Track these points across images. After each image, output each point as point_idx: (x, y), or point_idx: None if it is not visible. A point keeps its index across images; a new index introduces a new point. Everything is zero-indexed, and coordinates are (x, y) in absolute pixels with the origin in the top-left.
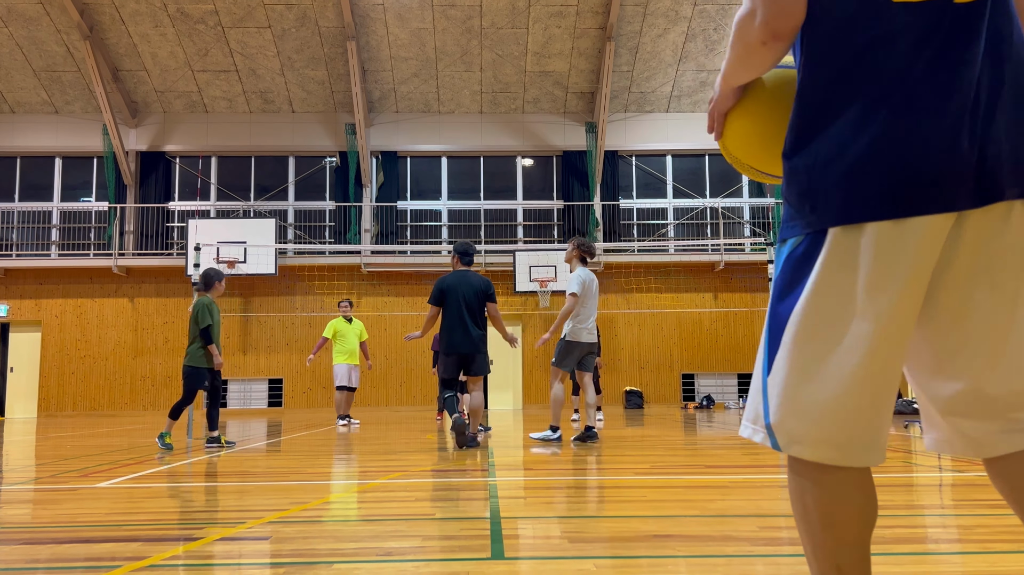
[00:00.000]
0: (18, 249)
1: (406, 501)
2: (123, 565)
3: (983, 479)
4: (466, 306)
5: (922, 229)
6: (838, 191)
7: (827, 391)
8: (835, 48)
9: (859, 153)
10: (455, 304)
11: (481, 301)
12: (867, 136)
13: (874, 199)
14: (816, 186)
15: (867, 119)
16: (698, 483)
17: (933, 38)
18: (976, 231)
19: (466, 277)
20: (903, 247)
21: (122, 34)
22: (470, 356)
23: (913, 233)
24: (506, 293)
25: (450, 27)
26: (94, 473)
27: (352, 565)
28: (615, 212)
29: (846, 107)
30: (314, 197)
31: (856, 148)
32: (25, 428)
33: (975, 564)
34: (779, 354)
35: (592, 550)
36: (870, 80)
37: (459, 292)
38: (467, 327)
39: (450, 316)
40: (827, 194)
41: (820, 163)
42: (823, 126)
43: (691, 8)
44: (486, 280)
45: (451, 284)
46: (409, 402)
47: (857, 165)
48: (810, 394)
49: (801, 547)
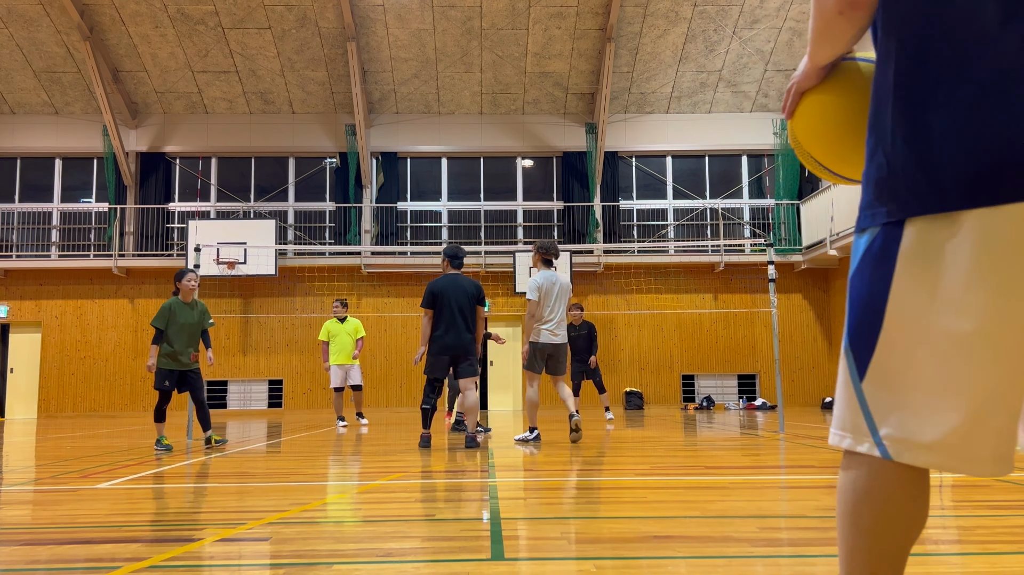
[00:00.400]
0: (18, 250)
1: (406, 502)
2: (123, 566)
3: (983, 480)
4: (458, 309)
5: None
6: (924, 176)
7: (944, 400)
8: (917, 19)
9: (947, 135)
10: (447, 307)
11: (472, 305)
12: (958, 116)
13: (965, 185)
14: (898, 171)
15: (957, 97)
16: (698, 484)
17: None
18: None
19: (457, 280)
20: (1003, 237)
21: (122, 35)
22: (461, 357)
23: (1013, 221)
24: (506, 294)
25: (450, 28)
26: (94, 474)
27: (352, 566)
28: (615, 213)
29: (933, 85)
30: (314, 198)
31: (944, 129)
32: (25, 429)
33: (975, 565)
34: (875, 359)
35: (592, 551)
36: (958, 54)
37: (451, 295)
38: (459, 330)
39: (442, 318)
40: (911, 179)
41: (901, 146)
42: (909, 106)
43: (691, 9)
44: (477, 284)
45: (442, 287)
46: (409, 403)
47: (946, 147)
48: (922, 402)
49: (801, 548)
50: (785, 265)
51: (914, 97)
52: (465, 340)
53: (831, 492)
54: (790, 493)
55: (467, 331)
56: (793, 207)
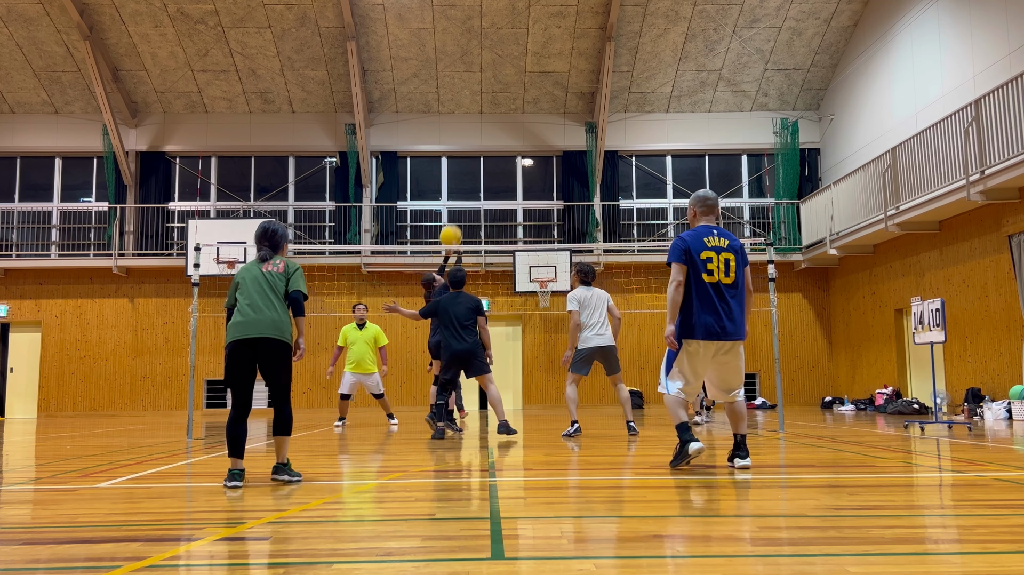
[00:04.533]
0: (18, 249)
1: (406, 501)
2: (123, 565)
3: (983, 479)
4: (457, 321)
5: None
6: (689, 330)
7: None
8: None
9: (697, 319)
10: (447, 318)
11: (471, 315)
12: (699, 315)
13: (701, 334)
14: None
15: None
16: (698, 484)
17: (719, 291)
18: (717, 347)
19: (458, 298)
20: (695, 348)
21: (122, 34)
22: (467, 359)
23: (695, 346)
24: (506, 293)
25: (450, 27)
26: (94, 473)
27: (352, 565)
28: (615, 212)
29: (693, 303)
30: (314, 197)
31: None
32: (25, 428)
33: (975, 564)
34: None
35: (592, 550)
36: (700, 298)
37: (451, 310)
38: (461, 336)
39: (445, 329)
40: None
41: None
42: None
43: (691, 8)
44: (477, 300)
45: (445, 303)
46: (409, 402)
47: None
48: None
49: (801, 548)
50: (785, 264)
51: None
52: (468, 342)
53: (831, 491)
54: (790, 492)
55: (469, 336)
56: (793, 206)
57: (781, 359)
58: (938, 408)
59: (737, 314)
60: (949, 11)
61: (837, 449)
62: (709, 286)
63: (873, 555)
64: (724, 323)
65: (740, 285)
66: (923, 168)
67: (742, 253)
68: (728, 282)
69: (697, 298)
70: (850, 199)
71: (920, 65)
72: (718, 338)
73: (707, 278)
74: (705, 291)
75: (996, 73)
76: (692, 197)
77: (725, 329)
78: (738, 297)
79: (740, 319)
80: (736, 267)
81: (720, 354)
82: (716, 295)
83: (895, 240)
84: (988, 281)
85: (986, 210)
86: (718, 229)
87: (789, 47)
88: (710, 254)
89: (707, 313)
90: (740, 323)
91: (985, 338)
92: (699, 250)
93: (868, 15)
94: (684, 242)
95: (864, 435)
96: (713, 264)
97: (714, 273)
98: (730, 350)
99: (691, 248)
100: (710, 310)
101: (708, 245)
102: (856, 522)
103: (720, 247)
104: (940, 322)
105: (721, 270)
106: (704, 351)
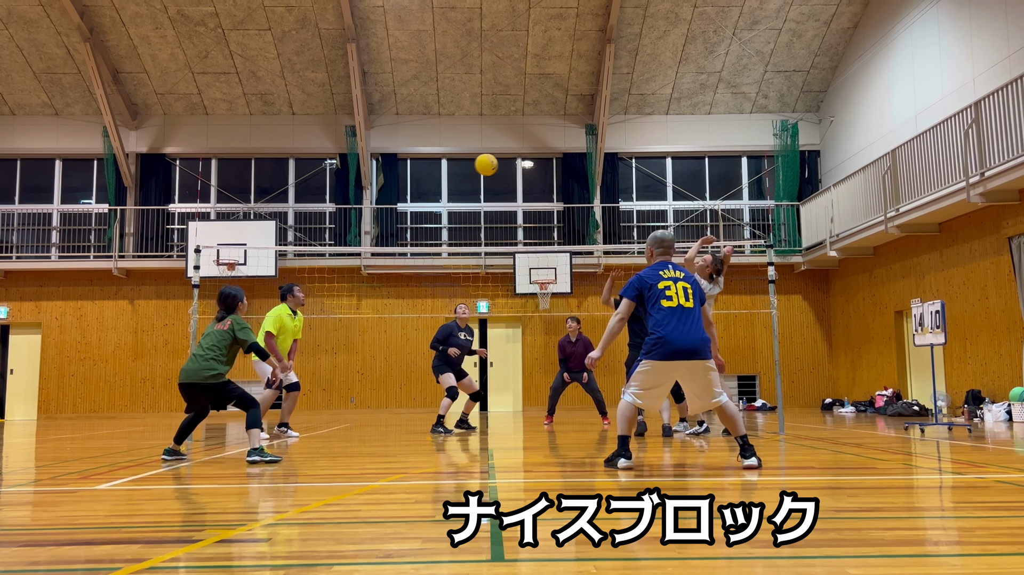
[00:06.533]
0: (18, 251)
1: (406, 503)
2: (123, 567)
3: (983, 482)
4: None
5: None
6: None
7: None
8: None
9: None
10: (458, 345)
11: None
12: (660, 337)
13: (654, 355)
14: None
15: (659, 330)
16: (698, 484)
17: (679, 314)
18: (685, 367)
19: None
20: (653, 365)
21: (122, 36)
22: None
23: (655, 365)
24: (506, 295)
25: (450, 29)
26: (94, 475)
27: (352, 567)
28: (615, 214)
29: (655, 327)
30: (314, 199)
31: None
32: (25, 430)
33: (975, 566)
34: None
35: (593, 552)
36: (661, 323)
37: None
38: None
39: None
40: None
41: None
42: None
43: (691, 10)
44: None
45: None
46: (409, 404)
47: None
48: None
49: (801, 548)
50: (785, 266)
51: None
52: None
53: (832, 493)
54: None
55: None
56: (793, 208)
57: (781, 361)
58: (938, 410)
59: (697, 335)
60: (949, 13)
61: (837, 451)
62: (669, 310)
63: (873, 557)
64: (684, 343)
65: (698, 312)
66: (923, 170)
67: (697, 286)
68: (688, 306)
69: (659, 323)
70: (850, 201)
71: (920, 67)
72: (678, 358)
73: (666, 303)
74: (666, 314)
75: (996, 75)
76: (650, 238)
77: (686, 348)
78: (698, 322)
79: (700, 339)
80: (694, 295)
81: (686, 373)
82: (676, 317)
83: (895, 242)
84: (988, 283)
85: (986, 212)
86: (673, 265)
87: (789, 49)
88: (667, 283)
89: (669, 334)
90: (702, 343)
91: (985, 340)
92: (656, 281)
93: (868, 17)
94: (640, 280)
95: (864, 437)
96: (672, 291)
97: (673, 298)
98: (696, 369)
99: (648, 281)
100: (671, 331)
101: (664, 276)
102: (856, 524)
103: (676, 278)
104: (940, 324)
105: (680, 295)
106: (666, 371)
